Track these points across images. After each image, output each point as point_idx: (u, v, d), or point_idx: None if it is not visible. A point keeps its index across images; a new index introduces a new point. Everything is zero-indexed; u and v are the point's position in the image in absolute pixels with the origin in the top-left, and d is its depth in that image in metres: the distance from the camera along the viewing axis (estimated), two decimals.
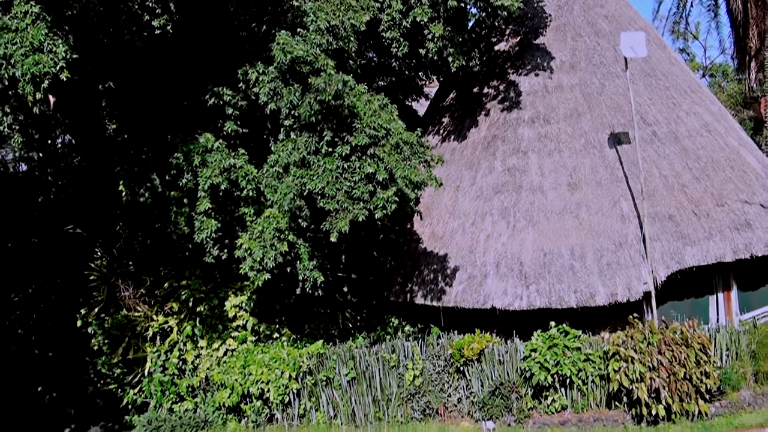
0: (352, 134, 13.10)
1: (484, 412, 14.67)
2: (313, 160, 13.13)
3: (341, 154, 13.08)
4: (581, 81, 18.07)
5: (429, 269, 16.65)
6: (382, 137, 13.24)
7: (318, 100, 12.59)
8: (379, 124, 13.22)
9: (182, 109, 14.52)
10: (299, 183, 12.97)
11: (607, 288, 14.85)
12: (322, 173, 12.93)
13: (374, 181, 12.95)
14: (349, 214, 12.82)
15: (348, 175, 13.03)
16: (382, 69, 21.28)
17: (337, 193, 12.82)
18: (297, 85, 12.92)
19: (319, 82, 12.54)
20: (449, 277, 16.20)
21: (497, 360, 14.81)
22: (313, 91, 12.66)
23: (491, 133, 18.07)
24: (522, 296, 15.12)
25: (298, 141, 13.22)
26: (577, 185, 16.34)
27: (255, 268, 13.41)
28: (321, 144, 13.13)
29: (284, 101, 12.98)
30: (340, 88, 12.63)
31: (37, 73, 10.15)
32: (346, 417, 15.39)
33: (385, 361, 15.20)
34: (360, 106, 13.27)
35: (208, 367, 15.95)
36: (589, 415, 14.30)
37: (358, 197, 12.89)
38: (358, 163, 13.04)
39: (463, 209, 17.14)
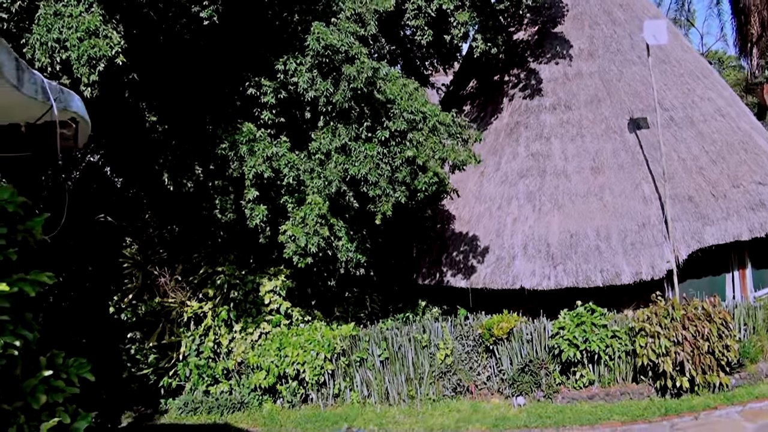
0: (389, 119, 13.51)
1: (513, 389, 15.15)
2: (353, 147, 13.53)
3: (380, 140, 13.49)
4: (600, 68, 18.59)
5: (456, 252, 17.13)
6: (419, 121, 13.65)
7: (351, 88, 12.99)
8: (416, 108, 13.63)
9: (221, 100, 14.88)
10: (342, 169, 13.39)
11: (632, 267, 15.35)
12: (364, 159, 13.34)
13: (414, 165, 13.37)
14: (391, 198, 13.24)
15: (388, 159, 13.45)
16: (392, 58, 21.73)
17: (380, 179, 13.24)
18: (333, 73, 13.31)
19: (351, 70, 12.93)
20: (477, 259, 16.68)
21: (525, 338, 15.29)
22: (345, 79, 13.05)
23: (514, 120, 18.58)
24: (550, 276, 15.62)
25: (339, 128, 13.62)
26: (600, 169, 16.86)
27: (298, 253, 13.84)
28: (360, 130, 13.52)
29: (321, 90, 13.36)
30: (370, 75, 13.02)
31: (94, 56, 10.51)
32: (380, 396, 15.84)
33: (417, 341, 15.66)
34: (395, 91, 13.67)
35: (242, 351, 16.36)
36: (615, 389, 14.79)
37: (400, 181, 13.30)
38: (398, 147, 13.46)
39: (488, 194, 17.64)
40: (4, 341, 3.43)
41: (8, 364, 3.61)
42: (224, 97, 14.78)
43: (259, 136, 13.93)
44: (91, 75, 10.62)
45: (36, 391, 3.80)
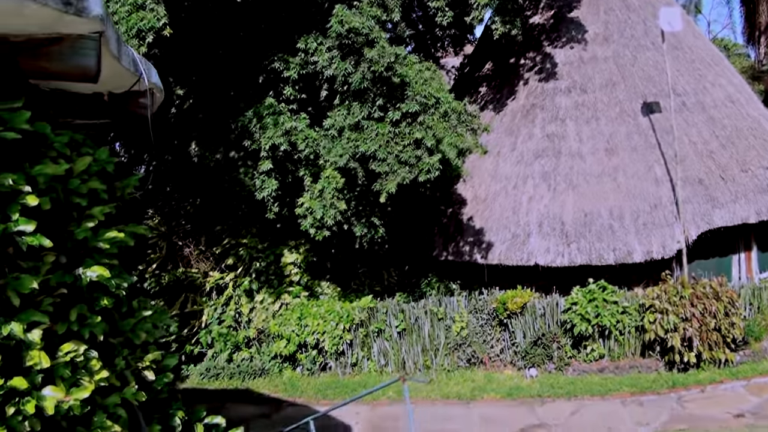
0: (403, 101, 13.94)
1: (526, 361, 15.71)
2: (366, 125, 13.98)
3: (392, 120, 13.94)
4: (614, 53, 19.01)
5: (472, 229, 17.62)
6: (431, 105, 14.08)
7: (371, 71, 13.42)
8: (430, 93, 14.05)
9: (245, 75, 15.30)
10: (353, 146, 13.85)
11: (644, 246, 15.85)
12: (375, 137, 13.79)
13: (422, 147, 13.83)
14: (397, 177, 13.70)
15: (398, 139, 13.90)
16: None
17: (388, 156, 13.69)
18: (352, 55, 13.73)
19: (373, 54, 13.35)
20: (493, 236, 17.17)
21: (539, 313, 15.83)
22: (366, 62, 13.48)
23: (530, 102, 19.02)
24: (564, 254, 16.13)
25: (353, 106, 14.06)
26: (614, 150, 17.33)
27: (315, 226, 14.32)
28: (373, 110, 13.96)
29: (340, 69, 13.80)
30: (392, 61, 13.46)
31: (143, 28, 10.95)
32: (396, 365, 16.40)
33: (434, 313, 16.20)
34: (411, 75, 14.09)
35: (263, 320, 16.89)
36: (625, 363, 15.36)
37: (405, 161, 13.76)
38: (408, 129, 13.91)
39: (504, 173, 18.12)
40: (116, 282, 3.91)
41: (116, 303, 4.10)
42: (249, 72, 15.20)
43: (280, 110, 14.38)
44: (140, 47, 11.07)
45: (136, 328, 4.31)
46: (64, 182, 3.62)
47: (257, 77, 15.35)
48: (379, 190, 13.87)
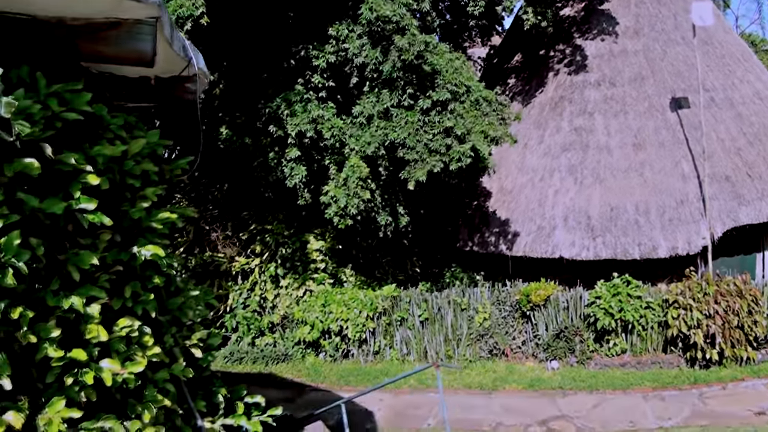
0: (433, 90, 14.00)
1: (548, 353, 15.76)
2: (395, 113, 14.06)
3: (422, 108, 14.01)
4: (644, 47, 18.97)
5: (497, 221, 17.68)
6: (462, 93, 14.13)
7: (401, 59, 13.49)
8: (460, 81, 14.11)
9: (275, 63, 15.41)
10: (382, 133, 13.93)
11: (669, 242, 15.85)
12: (404, 125, 13.87)
13: (452, 135, 13.88)
14: (426, 165, 13.78)
15: (427, 128, 13.96)
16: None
17: (417, 145, 13.77)
18: (383, 42, 13.80)
19: (403, 42, 13.41)
20: (518, 228, 17.23)
21: (562, 306, 15.87)
22: (396, 50, 13.54)
23: (558, 95, 19.03)
24: (589, 247, 16.16)
25: (382, 94, 14.13)
26: (642, 145, 17.32)
27: (339, 214, 14.43)
28: (404, 98, 14.03)
29: (370, 57, 13.87)
30: (422, 49, 13.51)
31: (182, 16, 11.07)
32: (418, 354, 16.50)
33: (457, 304, 16.27)
34: (442, 64, 14.14)
35: (287, 306, 17.04)
36: (646, 358, 15.37)
37: (435, 150, 13.81)
38: (438, 117, 13.96)
39: (531, 165, 18.16)
40: (166, 261, 4.03)
41: (166, 282, 4.22)
42: (278, 59, 15.31)
43: (308, 97, 14.48)
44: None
45: (183, 307, 4.43)
46: (119, 163, 3.73)
47: (287, 64, 15.44)
48: (407, 178, 13.95)
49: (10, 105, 2.71)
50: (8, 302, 2.80)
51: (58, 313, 3.09)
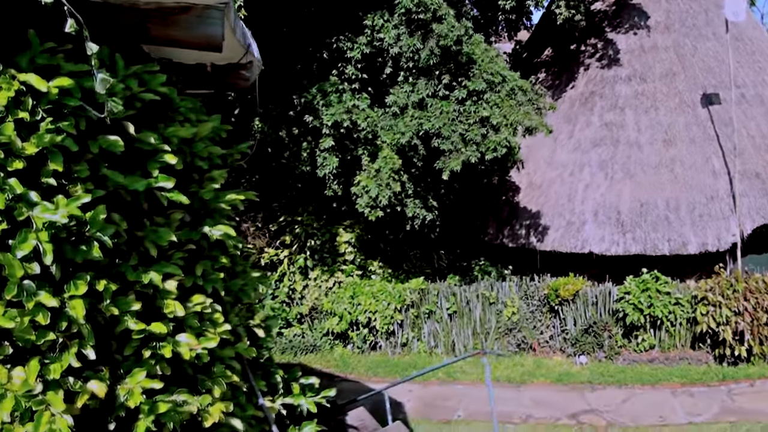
0: (469, 79, 14.05)
1: (576, 348, 15.77)
2: (430, 103, 14.13)
3: (458, 98, 14.07)
4: (675, 42, 18.91)
5: (526, 215, 17.71)
6: (498, 83, 14.18)
7: (440, 46, 13.55)
8: (496, 71, 14.17)
9: (309, 55, 15.50)
10: (417, 123, 14.00)
11: (699, 238, 15.81)
12: (440, 115, 13.93)
13: (488, 125, 13.92)
14: (462, 155, 13.84)
15: (463, 118, 14.02)
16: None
17: (453, 135, 13.84)
18: (420, 30, 13.86)
19: (442, 28, 13.49)
20: (547, 222, 17.25)
21: (591, 301, 15.87)
22: (435, 37, 13.61)
23: (588, 89, 19.02)
24: (619, 243, 16.16)
25: (418, 83, 14.21)
26: (672, 141, 17.28)
27: (370, 205, 14.50)
28: (439, 87, 14.10)
29: (407, 46, 13.94)
30: (461, 34, 13.56)
31: None
32: (446, 347, 16.56)
33: (485, 297, 16.31)
34: (478, 53, 14.19)
35: (315, 297, 17.14)
36: (675, 354, 15.36)
37: (471, 140, 13.87)
38: (474, 107, 14.01)
39: (560, 160, 18.17)
40: (234, 243, 4.13)
41: (232, 263, 4.31)
42: (312, 50, 15.40)
43: (342, 88, 14.57)
44: None
45: (245, 287, 4.52)
46: (189, 145, 3.81)
47: (321, 55, 15.54)
48: (441, 168, 14.01)
49: (105, 81, 2.79)
50: (93, 275, 2.88)
51: (137, 287, 3.18)
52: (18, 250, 2.56)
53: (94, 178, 3.00)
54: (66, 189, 2.86)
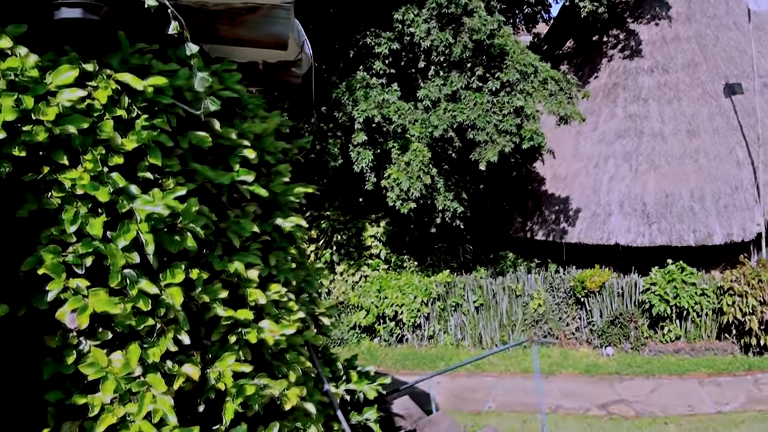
0: (501, 71, 14.18)
1: (602, 340, 15.86)
2: (463, 95, 14.25)
3: (491, 90, 14.19)
4: (697, 32, 18.93)
5: (551, 207, 17.82)
6: (530, 74, 14.30)
7: (473, 40, 13.66)
8: (528, 62, 14.30)
9: (337, 50, 15.65)
10: (450, 116, 14.12)
11: (724, 228, 15.87)
12: (473, 107, 14.05)
13: (522, 115, 14.04)
14: (497, 146, 13.97)
15: (496, 109, 14.14)
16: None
17: (487, 126, 13.96)
18: (451, 25, 13.98)
19: (475, 22, 13.61)
20: (572, 214, 17.35)
21: (617, 292, 15.96)
22: (467, 31, 13.72)
23: (611, 81, 19.10)
24: (644, 234, 16.23)
25: (450, 76, 14.34)
26: (696, 132, 17.32)
27: (401, 198, 14.64)
28: (472, 79, 14.23)
29: (438, 40, 14.06)
30: (495, 28, 13.68)
31: None
32: (472, 340, 16.68)
33: (512, 290, 16.43)
34: (510, 45, 14.31)
35: (342, 291, 17.30)
36: (700, 345, 15.43)
37: (505, 130, 13.99)
38: (507, 97, 14.13)
39: (585, 152, 18.26)
40: (301, 235, 4.28)
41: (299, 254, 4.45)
42: (340, 46, 15.53)
43: (371, 84, 14.71)
44: None
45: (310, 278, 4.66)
46: (259, 140, 3.96)
47: (348, 52, 15.66)
48: (477, 159, 14.15)
49: (204, 80, 2.94)
50: (187, 264, 3.03)
51: (223, 276, 3.33)
52: (119, 241, 2.70)
53: (184, 173, 3.14)
54: (159, 183, 3.01)
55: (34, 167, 2.60)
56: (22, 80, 2.53)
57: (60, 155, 2.62)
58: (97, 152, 2.71)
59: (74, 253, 2.64)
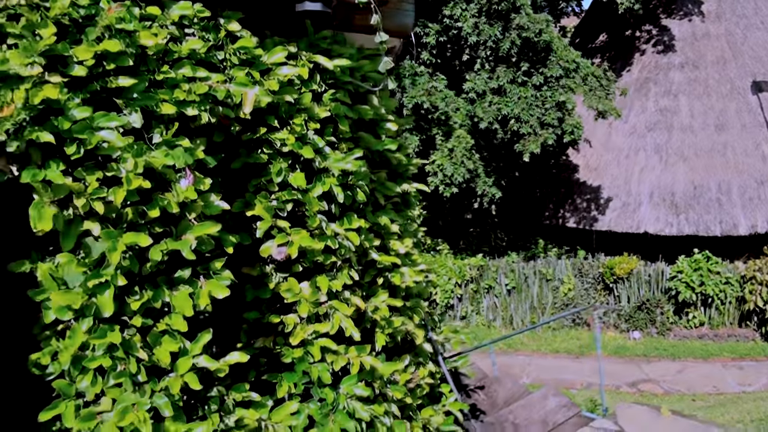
0: (545, 66, 14.76)
1: (629, 324, 16.49)
2: (509, 88, 14.84)
3: (534, 84, 14.79)
4: (726, 30, 19.48)
5: (582, 196, 18.41)
6: (572, 70, 14.89)
7: (522, 37, 14.25)
8: (571, 58, 14.88)
9: None
10: (495, 109, 14.72)
11: (749, 220, 16.44)
12: (518, 100, 14.66)
13: (564, 109, 14.63)
14: (540, 138, 14.58)
15: (539, 102, 14.74)
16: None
17: (531, 119, 14.56)
18: (499, 21, 14.56)
19: (524, 21, 14.19)
20: (603, 203, 17.95)
21: (644, 279, 16.57)
22: (515, 28, 14.29)
23: (643, 76, 19.66)
24: (672, 223, 16.83)
25: (497, 71, 14.94)
26: (724, 127, 17.89)
27: (444, 182, 15.26)
28: (517, 74, 14.82)
29: (485, 35, 14.64)
30: (543, 27, 14.26)
31: None
32: (504, 321, 17.33)
33: (543, 274, 17.05)
34: (555, 42, 14.90)
35: None
36: (723, 331, 16.05)
37: (548, 123, 14.60)
38: (549, 92, 14.73)
39: (616, 144, 18.84)
40: (415, 201, 4.93)
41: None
42: None
43: (419, 71, 15.32)
44: None
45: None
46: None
47: None
48: (521, 150, 14.76)
49: (387, 63, 3.59)
50: (355, 215, 3.69)
51: (374, 228, 3.99)
52: (315, 191, 3.35)
53: (353, 139, 3.80)
54: (336, 146, 3.66)
55: (251, 128, 3.24)
56: (248, 58, 3.17)
57: (272, 119, 3.26)
58: (300, 118, 3.36)
59: (278, 199, 3.28)
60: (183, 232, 2.59)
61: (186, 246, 2.54)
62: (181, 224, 2.61)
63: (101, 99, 2.49)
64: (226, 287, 2.70)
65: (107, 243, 2.36)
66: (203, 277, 2.70)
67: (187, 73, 2.75)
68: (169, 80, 2.70)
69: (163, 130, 2.61)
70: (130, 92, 2.57)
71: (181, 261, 2.59)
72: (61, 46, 2.37)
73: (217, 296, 2.66)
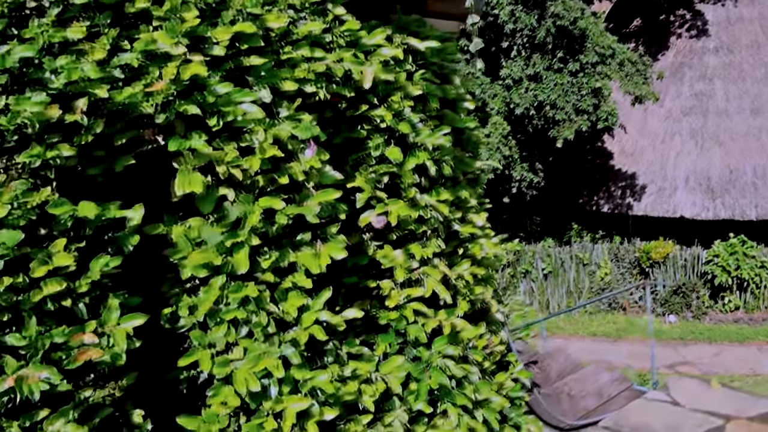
0: (581, 53, 14.90)
1: (665, 308, 16.60)
2: (545, 75, 15.00)
3: (570, 71, 14.93)
4: (760, 14, 19.47)
5: (617, 182, 18.53)
6: (608, 56, 15.01)
7: (557, 25, 14.39)
8: (607, 44, 15.00)
9: None
10: (532, 95, 14.89)
11: None
12: (554, 87, 14.81)
13: (600, 96, 14.77)
14: (574, 125, 14.73)
15: (575, 89, 14.88)
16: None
17: (566, 105, 14.71)
18: (536, 9, 14.71)
19: (559, 9, 14.33)
20: (638, 188, 18.06)
21: (680, 264, 16.69)
22: (551, 16, 14.44)
23: (678, 61, 19.70)
24: (708, 208, 16.92)
25: (533, 58, 15.09)
26: (759, 111, 17.92)
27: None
28: (553, 61, 14.97)
29: (522, 23, 14.79)
30: (578, 16, 14.40)
31: None
32: (540, 305, 17.49)
33: (579, 259, 17.21)
34: (591, 28, 15.02)
35: None
36: (758, 315, 16.12)
37: (583, 110, 14.74)
38: (585, 78, 14.87)
39: (652, 129, 18.92)
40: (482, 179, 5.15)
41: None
42: None
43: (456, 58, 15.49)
44: None
45: None
46: None
47: None
48: (555, 136, 14.90)
49: (478, 44, 3.83)
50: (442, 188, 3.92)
51: (454, 200, 4.22)
52: (409, 164, 3.58)
53: (438, 116, 4.03)
54: (425, 123, 3.89)
55: (354, 105, 3.47)
56: (353, 39, 3.41)
57: (371, 97, 3.50)
58: (397, 96, 3.59)
59: (375, 171, 3.51)
60: (304, 199, 2.83)
61: (310, 211, 2.78)
62: (303, 191, 2.85)
63: (234, 76, 2.74)
64: (343, 249, 2.93)
65: (244, 206, 2.60)
66: (320, 240, 2.94)
67: (305, 54, 2.99)
68: (291, 60, 2.94)
69: (288, 105, 2.86)
70: (258, 70, 2.81)
71: (301, 226, 2.83)
72: (202, 28, 2.62)
73: (336, 257, 2.89)
